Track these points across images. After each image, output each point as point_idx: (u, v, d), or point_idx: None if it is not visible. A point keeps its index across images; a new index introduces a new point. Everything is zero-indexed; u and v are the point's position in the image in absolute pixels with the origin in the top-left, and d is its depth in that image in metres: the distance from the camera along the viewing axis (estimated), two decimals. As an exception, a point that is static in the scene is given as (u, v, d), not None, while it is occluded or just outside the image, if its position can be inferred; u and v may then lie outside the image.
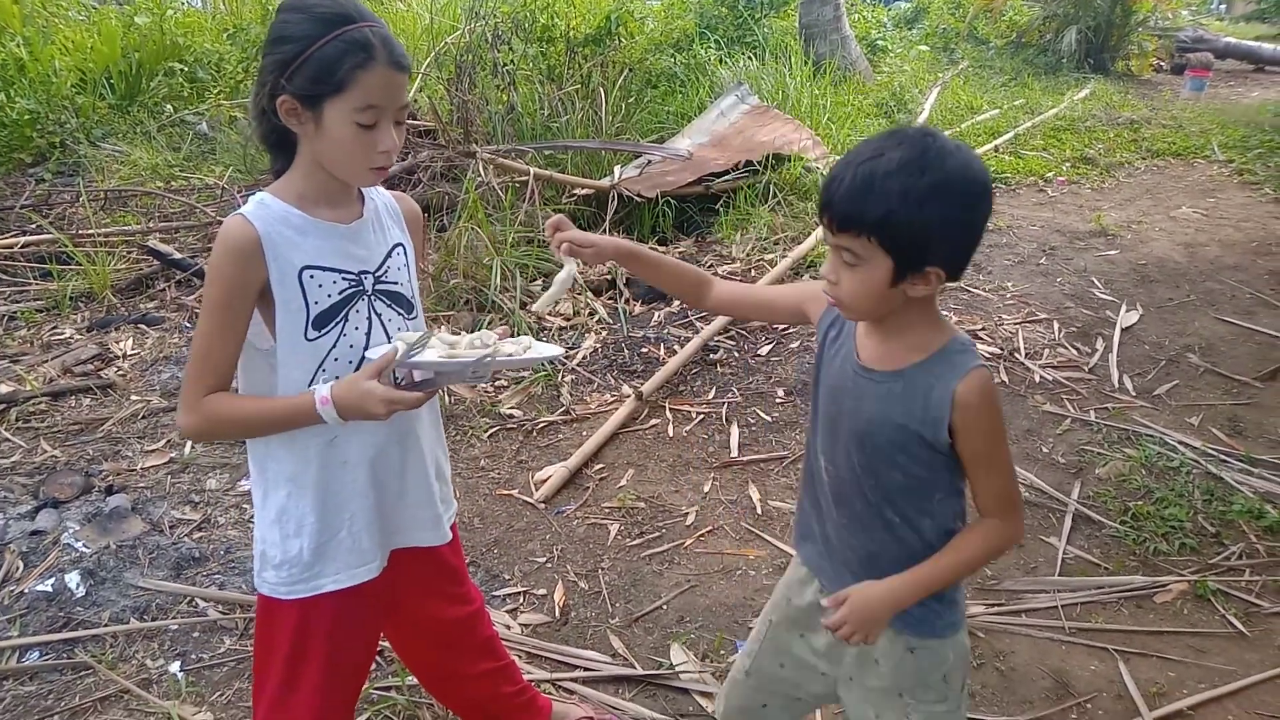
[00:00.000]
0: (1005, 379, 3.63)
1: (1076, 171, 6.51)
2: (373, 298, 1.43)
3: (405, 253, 1.51)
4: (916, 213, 1.15)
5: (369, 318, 1.42)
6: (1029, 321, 4.11)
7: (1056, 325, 4.06)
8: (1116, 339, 3.93)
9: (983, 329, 4.01)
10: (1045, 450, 3.19)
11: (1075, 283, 4.53)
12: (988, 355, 3.79)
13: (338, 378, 1.37)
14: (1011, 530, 1.33)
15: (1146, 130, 7.60)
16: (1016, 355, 3.80)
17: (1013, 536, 1.35)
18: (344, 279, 1.39)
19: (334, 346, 1.38)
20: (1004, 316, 4.14)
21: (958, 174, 1.16)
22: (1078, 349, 3.89)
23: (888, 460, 1.31)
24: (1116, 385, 3.60)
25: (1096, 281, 4.54)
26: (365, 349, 1.42)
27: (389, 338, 1.44)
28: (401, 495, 1.52)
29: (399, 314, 1.47)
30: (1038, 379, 3.63)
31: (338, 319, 1.38)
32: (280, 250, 1.33)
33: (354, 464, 1.44)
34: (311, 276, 1.35)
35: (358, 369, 1.39)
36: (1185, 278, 4.59)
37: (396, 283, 1.47)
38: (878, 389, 1.31)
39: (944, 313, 1.36)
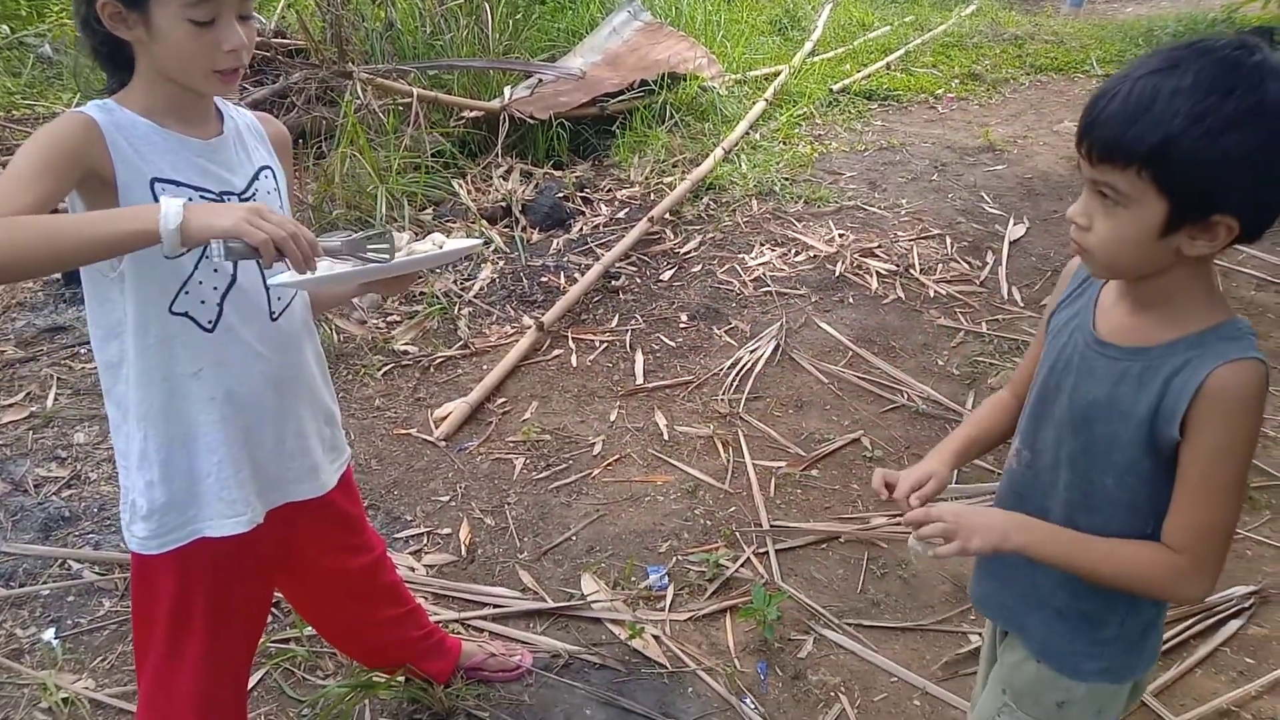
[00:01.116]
0: (902, 295, 3.68)
1: (965, 89, 6.60)
2: None
3: (275, 176, 1.37)
4: (1210, 143, 0.89)
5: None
6: (923, 238, 4.17)
7: (949, 240, 4.14)
8: (1005, 252, 4.03)
9: (879, 246, 4.05)
10: (941, 363, 3.26)
11: (966, 198, 4.61)
12: (884, 272, 3.83)
13: (202, 303, 1.25)
14: (1189, 584, 1.03)
15: (1030, 46, 7.74)
16: (912, 271, 3.85)
17: (1185, 592, 1.04)
18: (202, 198, 1.24)
19: (196, 268, 1.24)
20: (899, 234, 4.19)
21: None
22: (969, 263, 3.97)
23: (1102, 458, 1.06)
24: (1006, 297, 3.70)
25: (985, 196, 4.63)
26: (232, 279, 1.28)
27: (261, 270, 1.31)
28: (279, 444, 1.40)
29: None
30: (932, 294, 3.70)
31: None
32: (126, 155, 1.17)
33: (221, 401, 1.30)
34: (164, 190, 1.20)
35: (223, 299, 1.27)
36: (1069, 190, 4.73)
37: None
38: (1111, 367, 1.05)
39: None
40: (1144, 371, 1.02)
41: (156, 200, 1.16)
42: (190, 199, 1.22)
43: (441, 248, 1.36)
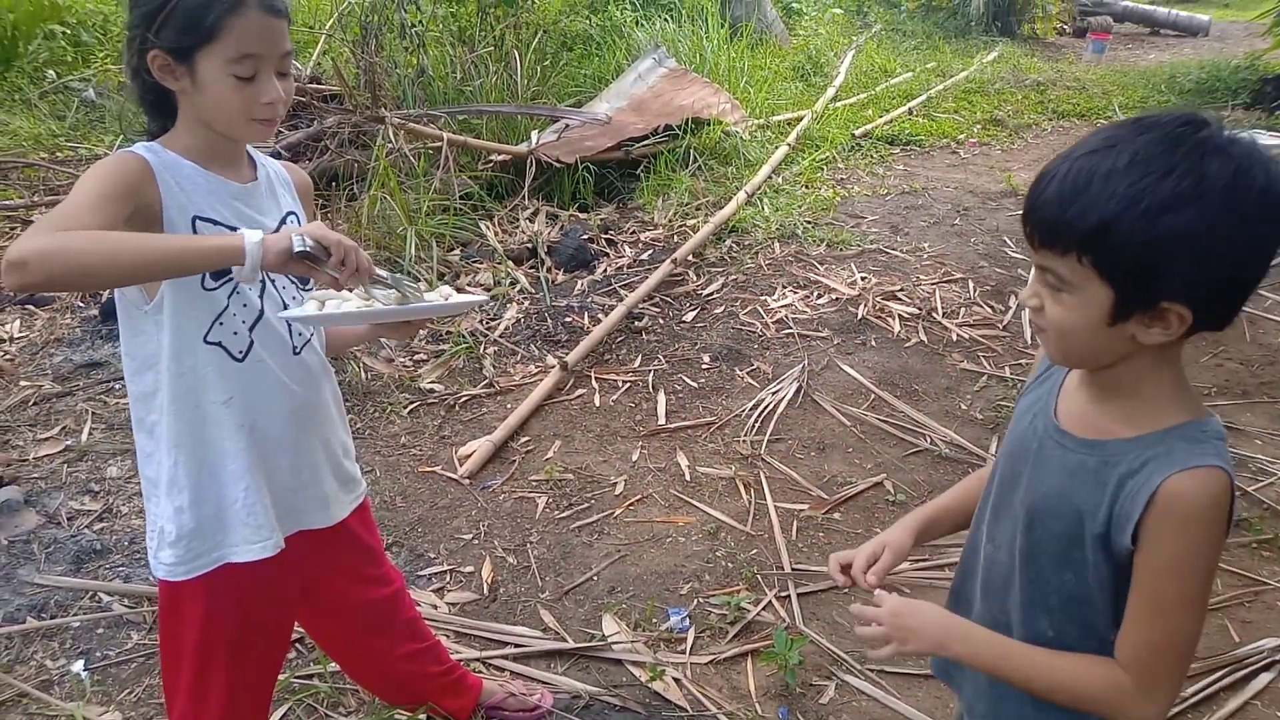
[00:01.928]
0: (924, 338, 3.69)
1: (987, 133, 6.65)
2: None
3: (299, 222, 1.45)
4: (1149, 225, 0.84)
5: (263, 280, 1.36)
6: (945, 281, 4.18)
7: (971, 284, 4.15)
8: (1028, 296, 4.03)
9: (901, 289, 4.07)
10: (964, 407, 3.26)
11: (988, 242, 4.63)
12: (906, 316, 3.85)
13: (235, 334, 1.32)
14: (1136, 705, 0.95)
15: (1052, 92, 7.80)
16: (934, 315, 3.86)
17: (1132, 713, 0.96)
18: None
19: (229, 300, 1.32)
20: (921, 277, 4.21)
21: (1223, 178, 0.84)
22: (992, 307, 3.97)
23: (1059, 556, 1.01)
24: (1029, 341, 3.69)
25: (1008, 240, 4.65)
26: (259, 314, 1.35)
27: (285, 305, 1.39)
28: (295, 474, 1.44)
29: (292, 281, 1.41)
30: (954, 338, 3.71)
31: (232, 274, 1.28)
32: (173, 192, 1.25)
33: (248, 429, 1.35)
34: (204, 228, 1.28)
35: (253, 329, 1.35)
36: (1091, 235, 4.73)
37: None
38: (1066, 458, 1.00)
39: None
40: (1099, 468, 0.96)
41: (196, 233, 1.26)
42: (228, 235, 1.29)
43: (448, 300, 1.41)
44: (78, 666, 2.20)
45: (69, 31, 6.81)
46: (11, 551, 2.55)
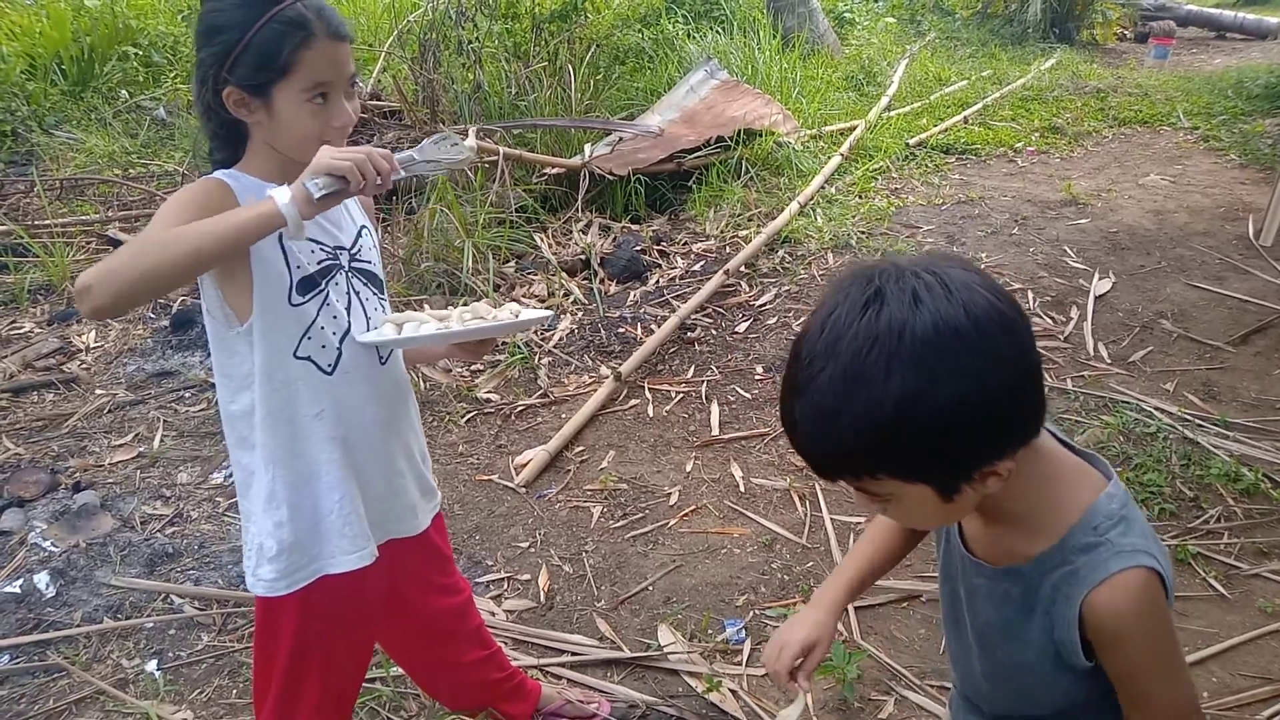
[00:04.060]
0: (982, 350, 3.63)
1: (1045, 141, 6.53)
2: (350, 274, 1.41)
3: (372, 234, 1.50)
4: (905, 431, 0.82)
5: (348, 293, 1.40)
6: (1004, 292, 4.11)
7: (1031, 295, 4.08)
8: (1090, 307, 3.95)
9: (958, 300, 4.01)
10: (1024, 420, 3.20)
11: (1048, 252, 4.55)
12: (964, 326, 3.78)
13: (323, 347, 1.35)
14: None
15: (1113, 99, 7.62)
16: (993, 326, 3.80)
17: None
18: (322, 250, 1.37)
19: (318, 314, 1.35)
20: (979, 287, 4.14)
21: (931, 338, 0.81)
22: (1053, 318, 3.90)
23: (1018, 678, 1.02)
24: (1092, 353, 3.62)
25: (1069, 250, 4.56)
26: (348, 325, 1.39)
27: (367, 316, 1.43)
28: (386, 484, 1.48)
29: (374, 293, 1.46)
30: (1014, 349, 3.64)
31: (320, 287, 1.35)
32: None
33: (339, 441, 1.39)
34: (290, 243, 1.32)
35: (341, 343, 1.37)
36: (1155, 244, 4.62)
37: (370, 262, 1.46)
38: (993, 589, 1.00)
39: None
40: (1024, 595, 0.96)
41: (285, 253, 1.31)
42: (313, 251, 1.35)
43: (518, 316, 1.45)
44: (151, 666, 2.27)
45: (141, 53, 7.08)
46: (89, 554, 2.65)
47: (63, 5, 7.03)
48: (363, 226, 1.48)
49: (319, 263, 1.36)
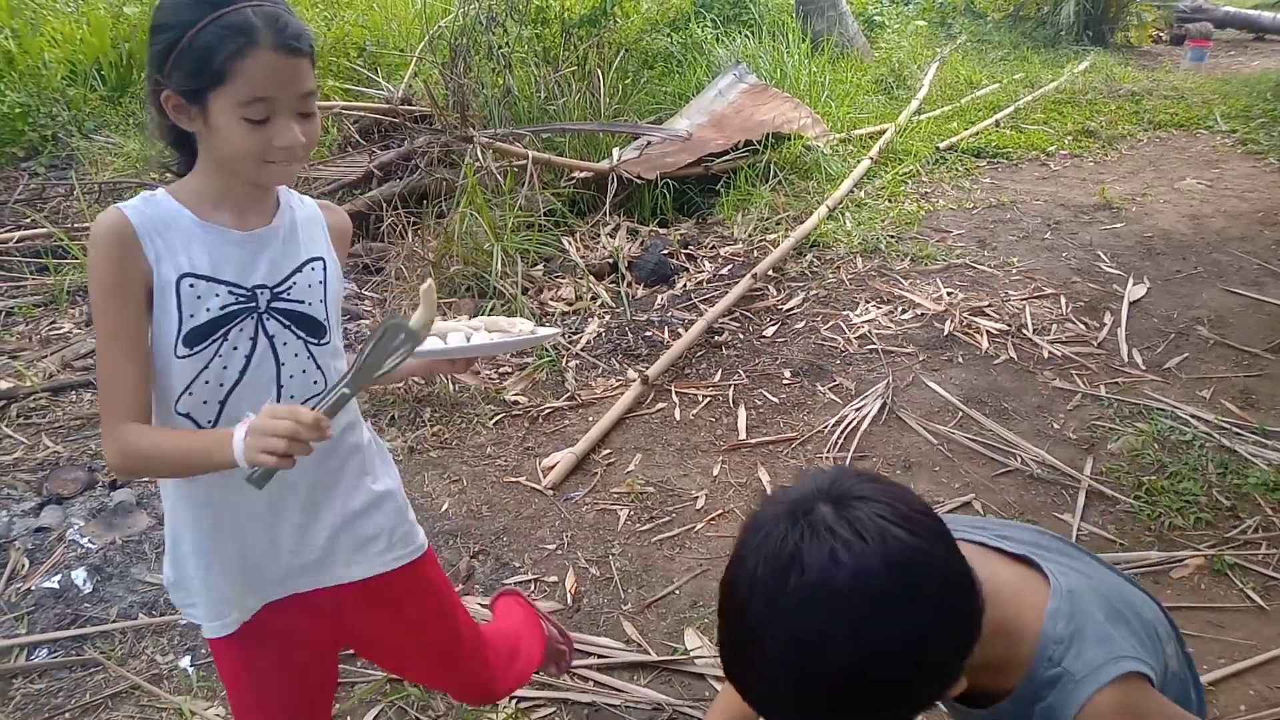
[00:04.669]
0: (1014, 355, 3.60)
1: (1078, 145, 6.45)
2: (265, 315, 1.26)
3: (324, 269, 1.34)
4: (862, 689, 0.86)
5: (254, 338, 1.26)
6: (1035, 297, 4.07)
7: (1064, 300, 4.03)
8: (1125, 313, 3.90)
9: (989, 305, 3.98)
10: (1056, 426, 3.17)
11: (1081, 257, 4.49)
12: (995, 332, 3.75)
13: (205, 403, 1.24)
14: None
15: (1148, 102, 7.52)
16: (1024, 331, 3.76)
17: None
18: (230, 293, 1.23)
19: (205, 367, 1.23)
20: (1010, 293, 4.11)
21: (860, 598, 0.85)
22: (1086, 324, 3.85)
23: None
24: (1126, 359, 3.57)
25: (1102, 255, 4.50)
26: (243, 372, 1.25)
27: (278, 364, 1.28)
28: (276, 544, 1.36)
29: (299, 337, 1.30)
30: (1046, 355, 3.60)
31: (213, 338, 1.23)
32: (161, 251, 1.20)
33: (206, 503, 1.30)
34: (191, 286, 1.21)
35: (226, 399, 1.25)
36: (1192, 250, 4.55)
37: (302, 301, 1.29)
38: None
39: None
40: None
41: (179, 297, 1.20)
42: (217, 295, 1.23)
43: (534, 333, 1.46)
44: (185, 662, 2.31)
45: (178, 59, 7.19)
46: (125, 551, 2.70)
47: (102, 12, 7.17)
48: (313, 259, 1.32)
49: (221, 308, 1.23)
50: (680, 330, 3.90)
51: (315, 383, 1.32)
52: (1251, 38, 11.57)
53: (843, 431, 3.17)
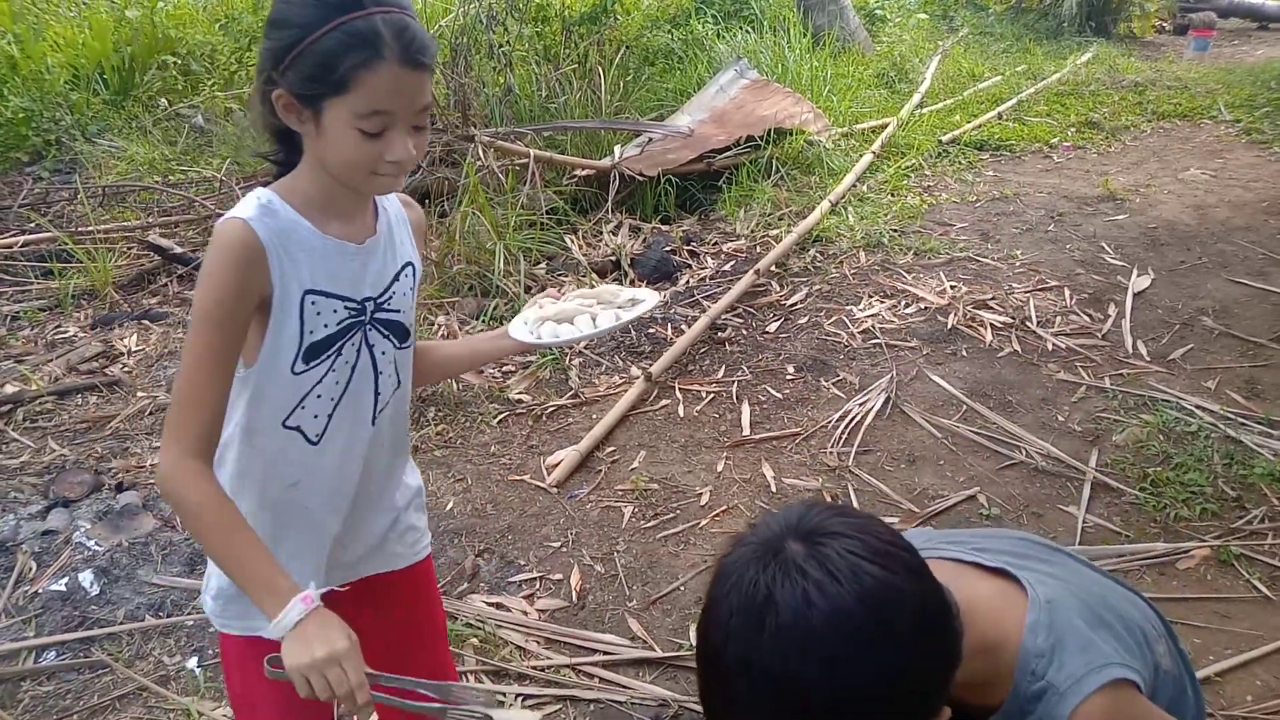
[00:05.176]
0: (1018, 348, 3.59)
1: (1082, 136, 6.43)
2: (369, 326, 1.27)
3: (414, 274, 1.34)
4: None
5: (359, 349, 1.26)
6: (1039, 289, 4.06)
7: (1067, 292, 4.02)
8: (1129, 304, 3.88)
9: (992, 298, 3.97)
10: (1061, 419, 3.16)
11: (1085, 249, 4.48)
12: (998, 325, 3.74)
13: (315, 417, 1.25)
14: None
15: (1151, 92, 7.49)
16: (1028, 324, 3.76)
17: None
18: (346, 307, 1.23)
19: (319, 382, 1.23)
20: (1014, 285, 4.10)
21: (835, 639, 0.85)
22: (1090, 315, 3.84)
23: None
24: (1130, 351, 3.55)
25: (1106, 247, 4.48)
26: (349, 383, 1.26)
27: (376, 372, 1.29)
28: (353, 539, 1.38)
29: (393, 344, 1.31)
30: (1050, 347, 3.59)
31: (330, 351, 1.22)
32: (286, 268, 1.16)
33: (306, 509, 1.29)
34: (313, 303, 1.19)
35: (333, 411, 1.26)
36: (1196, 240, 4.53)
37: (398, 310, 1.30)
38: None
39: None
40: None
41: (303, 314, 1.19)
42: (335, 310, 1.23)
43: (634, 300, 1.49)
44: (192, 663, 2.32)
45: (180, 62, 7.22)
46: (132, 553, 2.71)
47: (104, 16, 7.20)
48: (406, 265, 1.32)
49: (339, 322, 1.22)
50: (683, 327, 3.90)
51: (395, 387, 1.33)
52: (1255, 26, 11.51)
53: (847, 426, 3.17)
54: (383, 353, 1.29)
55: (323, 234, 1.20)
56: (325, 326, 1.21)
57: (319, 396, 1.24)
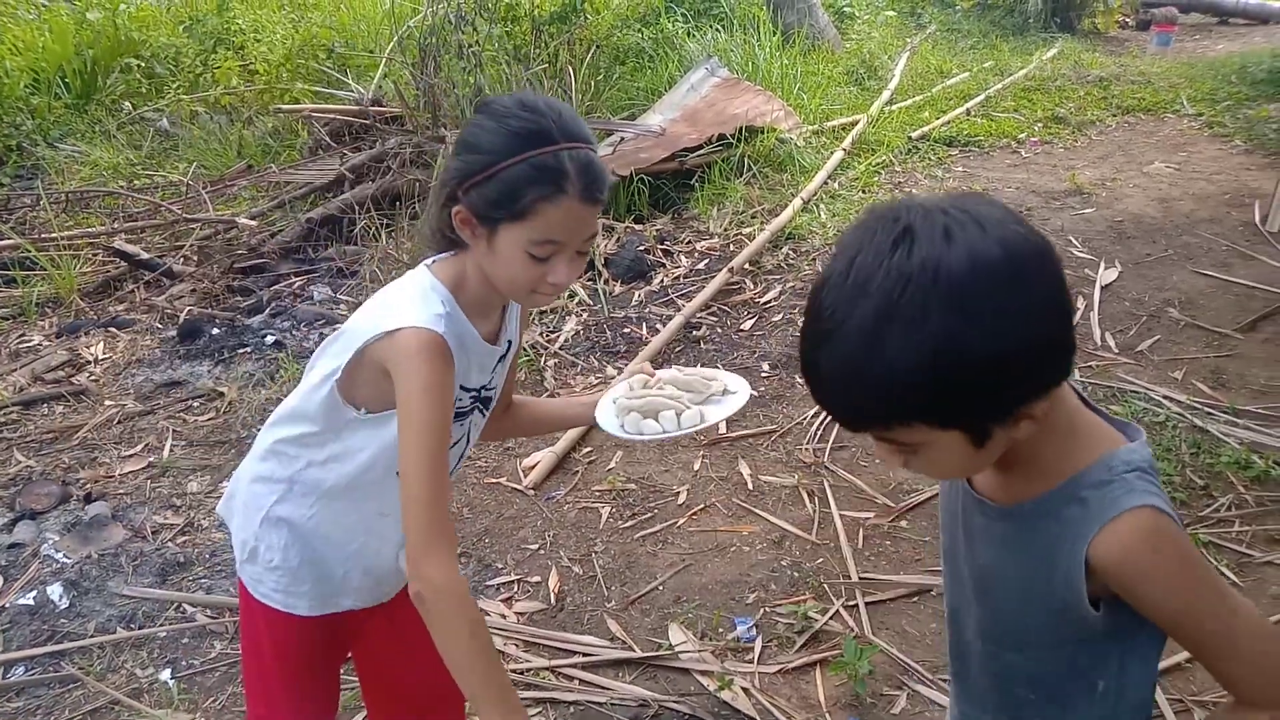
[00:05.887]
0: (989, 342, 3.62)
1: (1049, 131, 6.51)
2: (476, 409, 1.38)
3: (509, 350, 1.41)
4: (945, 374, 0.78)
5: (467, 429, 1.38)
6: (1009, 283, 4.10)
7: (1037, 286, 4.06)
8: (1097, 297, 3.94)
9: (964, 293, 4.00)
10: (1032, 411, 3.19)
11: (1053, 242, 4.46)
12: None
13: None
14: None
15: (1116, 87, 7.59)
16: (999, 318, 3.79)
17: None
18: (470, 396, 1.33)
19: (458, 441, 1.34)
20: (984, 280, 4.13)
21: (968, 276, 0.77)
22: (1059, 309, 3.88)
23: (1014, 628, 0.98)
24: (1099, 343, 3.60)
25: (1074, 240, 4.54)
26: (466, 438, 1.38)
27: (468, 442, 1.40)
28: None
29: (483, 415, 1.41)
30: (1021, 341, 3.63)
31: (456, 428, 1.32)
32: (458, 373, 1.26)
33: (386, 536, 1.37)
34: (459, 398, 1.28)
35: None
36: (1161, 233, 4.60)
37: (495, 389, 1.40)
38: (991, 529, 0.97)
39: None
40: (1019, 535, 0.92)
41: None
42: (460, 400, 1.29)
43: (726, 391, 1.48)
44: (165, 675, 2.29)
45: (144, 65, 7.11)
46: (101, 564, 2.67)
47: (65, 19, 7.08)
48: (510, 342, 1.40)
49: (459, 409, 1.30)
50: (658, 326, 3.90)
51: (467, 445, 1.42)
52: (1216, 21, 11.71)
53: (822, 423, 3.19)
54: (475, 426, 1.40)
55: (481, 339, 1.30)
56: (457, 403, 1.28)
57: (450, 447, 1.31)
